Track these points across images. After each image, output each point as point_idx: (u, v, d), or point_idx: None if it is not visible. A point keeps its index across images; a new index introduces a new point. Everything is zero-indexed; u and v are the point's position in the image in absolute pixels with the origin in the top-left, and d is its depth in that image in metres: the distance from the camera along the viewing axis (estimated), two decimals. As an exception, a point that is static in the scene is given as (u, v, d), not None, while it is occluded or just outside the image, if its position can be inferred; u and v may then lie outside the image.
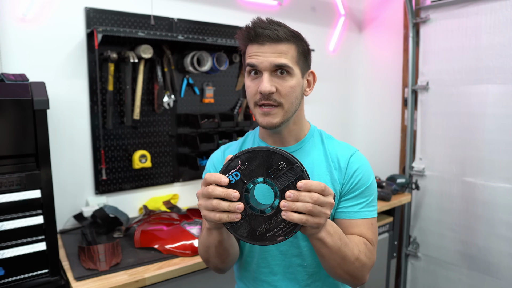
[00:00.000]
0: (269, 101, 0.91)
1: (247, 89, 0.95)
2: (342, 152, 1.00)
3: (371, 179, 1.00)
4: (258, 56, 0.90)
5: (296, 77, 0.93)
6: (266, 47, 0.90)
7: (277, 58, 0.89)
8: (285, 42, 0.91)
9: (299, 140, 1.02)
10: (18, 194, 1.15)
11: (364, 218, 0.96)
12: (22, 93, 1.15)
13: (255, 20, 0.92)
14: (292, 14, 2.42)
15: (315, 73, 1.03)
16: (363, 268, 0.89)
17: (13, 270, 1.15)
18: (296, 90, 0.94)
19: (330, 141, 1.04)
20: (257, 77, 0.93)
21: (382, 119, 2.76)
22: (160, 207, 1.90)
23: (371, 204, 0.99)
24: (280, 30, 0.91)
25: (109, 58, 1.68)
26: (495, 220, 2.08)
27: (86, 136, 1.76)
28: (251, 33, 0.91)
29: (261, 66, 0.90)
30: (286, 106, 0.93)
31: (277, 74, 0.91)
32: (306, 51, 0.98)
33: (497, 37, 2.02)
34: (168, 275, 1.32)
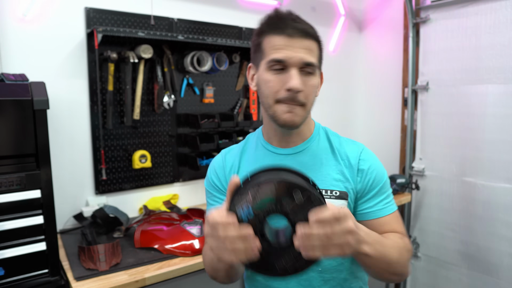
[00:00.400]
0: (293, 101, 0.85)
1: (267, 83, 0.86)
2: (350, 149, 0.96)
3: (385, 173, 0.97)
4: (287, 50, 0.83)
5: (317, 76, 0.89)
6: (295, 40, 0.83)
7: (307, 55, 0.84)
8: (312, 39, 0.86)
9: (305, 139, 0.97)
10: (18, 194, 1.15)
11: (390, 213, 0.94)
12: (22, 93, 1.15)
13: (280, 11, 0.86)
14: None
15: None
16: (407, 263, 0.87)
17: (13, 270, 1.15)
18: (316, 90, 0.90)
19: (337, 138, 0.99)
20: (281, 73, 0.85)
21: (382, 119, 2.76)
22: (160, 207, 1.90)
23: (390, 198, 0.97)
24: (307, 25, 0.86)
25: (109, 58, 1.68)
26: (495, 220, 2.08)
27: (86, 136, 1.76)
28: (279, 24, 0.84)
29: (290, 61, 0.83)
30: (308, 106, 0.88)
31: (304, 71, 0.85)
32: (322, 51, 0.93)
33: (497, 37, 2.02)
34: (168, 275, 1.32)
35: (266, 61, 0.85)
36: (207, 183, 1.04)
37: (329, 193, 0.90)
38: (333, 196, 0.90)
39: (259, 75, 0.89)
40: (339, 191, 0.91)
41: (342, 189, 0.91)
